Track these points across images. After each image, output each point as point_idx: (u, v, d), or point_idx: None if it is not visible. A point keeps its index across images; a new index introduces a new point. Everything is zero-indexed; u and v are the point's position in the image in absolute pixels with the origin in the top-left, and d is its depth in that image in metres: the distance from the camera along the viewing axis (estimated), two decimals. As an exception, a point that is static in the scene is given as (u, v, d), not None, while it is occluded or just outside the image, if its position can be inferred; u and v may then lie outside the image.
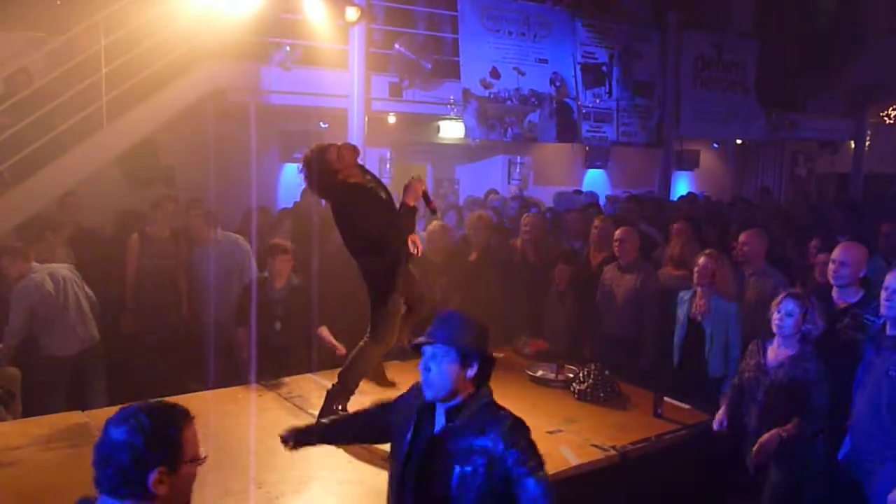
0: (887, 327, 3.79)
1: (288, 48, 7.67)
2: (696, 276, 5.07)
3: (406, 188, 4.28)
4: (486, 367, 2.58)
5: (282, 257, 5.52)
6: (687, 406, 4.67)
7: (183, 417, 2.06)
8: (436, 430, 2.56)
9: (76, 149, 6.62)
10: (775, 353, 4.04)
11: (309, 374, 5.25)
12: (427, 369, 2.53)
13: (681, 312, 5.16)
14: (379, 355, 4.55)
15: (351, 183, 4.26)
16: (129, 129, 6.94)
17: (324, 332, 5.49)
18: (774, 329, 4.01)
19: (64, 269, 5.59)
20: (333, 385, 4.40)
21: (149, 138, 7.50)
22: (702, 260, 5.05)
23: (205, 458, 2.09)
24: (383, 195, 4.41)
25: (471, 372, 2.52)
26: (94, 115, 6.63)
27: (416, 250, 4.38)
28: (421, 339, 2.58)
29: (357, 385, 4.47)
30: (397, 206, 4.35)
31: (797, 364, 3.91)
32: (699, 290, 5.07)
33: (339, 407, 4.29)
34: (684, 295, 5.19)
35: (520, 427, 2.52)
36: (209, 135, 7.34)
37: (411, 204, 4.27)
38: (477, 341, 2.56)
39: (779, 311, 3.97)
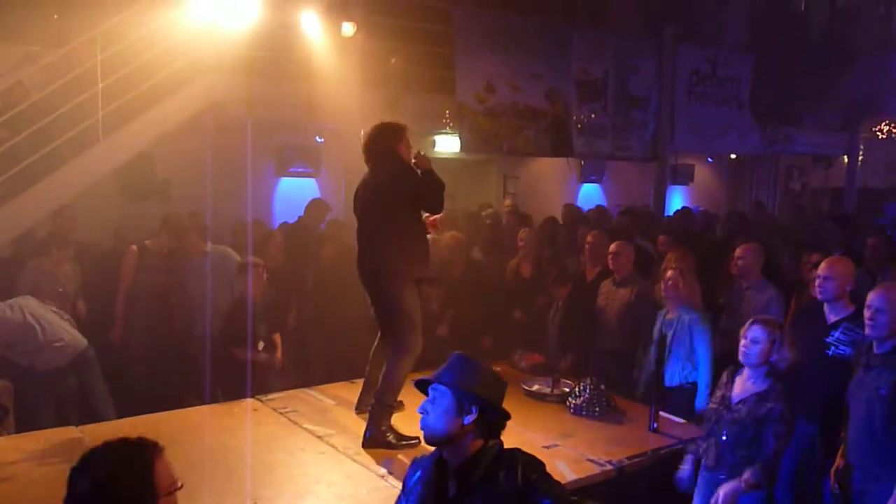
0: (874, 346, 3.79)
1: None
2: (662, 288, 5.10)
3: (416, 160, 4.51)
4: (490, 417, 2.45)
5: (254, 272, 5.57)
6: (683, 420, 4.67)
7: (151, 453, 1.97)
8: (451, 494, 2.41)
9: (72, 163, 6.63)
10: (742, 385, 3.83)
11: (305, 389, 5.24)
12: (425, 412, 2.44)
13: (655, 329, 5.15)
14: (409, 365, 4.40)
15: (405, 162, 4.53)
16: (125, 143, 6.97)
17: (277, 338, 5.67)
18: (741, 357, 3.80)
19: (20, 299, 5.53)
20: (373, 405, 4.36)
21: (145, 152, 7.52)
22: (668, 273, 5.09)
23: (181, 486, 2.02)
24: None
25: (468, 419, 2.39)
26: (91, 129, 6.64)
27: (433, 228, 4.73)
28: (423, 378, 2.52)
29: (395, 400, 4.43)
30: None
31: (761, 402, 3.68)
32: (669, 303, 5.09)
33: (384, 427, 4.28)
34: (662, 312, 5.20)
35: (534, 463, 2.41)
36: (206, 149, 7.36)
37: (428, 167, 4.52)
38: (479, 388, 2.44)
39: (745, 338, 3.77)
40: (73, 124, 6.54)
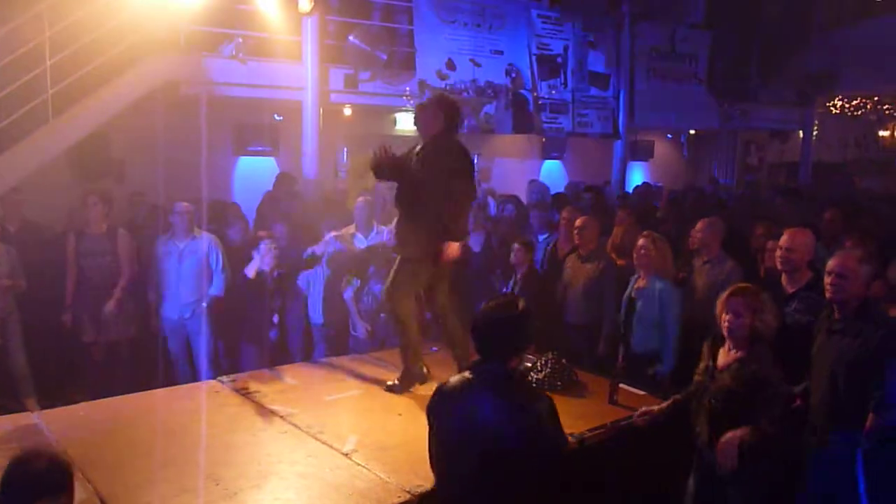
0: (836, 310, 3.84)
1: (240, 39, 7.57)
2: (635, 257, 5.18)
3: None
4: None
5: (268, 246, 5.64)
6: (642, 392, 4.73)
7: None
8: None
9: (21, 143, 6.43)
10: (726, 356, 3.80)
11: (265, 370, 5.20)
12: None
13: (625, 295, 5.27)
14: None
15: (459, 143, 4.72)
16: (76, 122, 6.76)
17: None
18: (724, 331, 3.77)
19: None
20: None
21: (99, 132, 7.33)
22: (640, 241, 5.18)
23: None
24: None
25: None
26: (40, 108, 6.44)
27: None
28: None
29: None
30: None
31: (744, 366, 3.65)
32: (640, 271, 5.18)
33: None
34: (633, 278, 5.31)
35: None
36: (161, 128, 7.21)
37: None
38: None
39: (726, 312, 3.71)
40: (21, 104, 6.33)
